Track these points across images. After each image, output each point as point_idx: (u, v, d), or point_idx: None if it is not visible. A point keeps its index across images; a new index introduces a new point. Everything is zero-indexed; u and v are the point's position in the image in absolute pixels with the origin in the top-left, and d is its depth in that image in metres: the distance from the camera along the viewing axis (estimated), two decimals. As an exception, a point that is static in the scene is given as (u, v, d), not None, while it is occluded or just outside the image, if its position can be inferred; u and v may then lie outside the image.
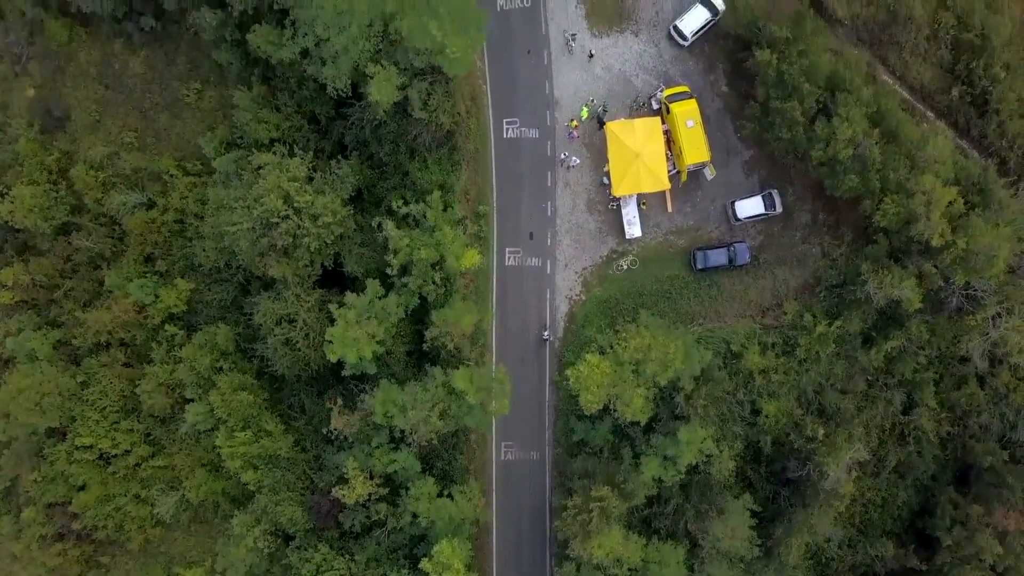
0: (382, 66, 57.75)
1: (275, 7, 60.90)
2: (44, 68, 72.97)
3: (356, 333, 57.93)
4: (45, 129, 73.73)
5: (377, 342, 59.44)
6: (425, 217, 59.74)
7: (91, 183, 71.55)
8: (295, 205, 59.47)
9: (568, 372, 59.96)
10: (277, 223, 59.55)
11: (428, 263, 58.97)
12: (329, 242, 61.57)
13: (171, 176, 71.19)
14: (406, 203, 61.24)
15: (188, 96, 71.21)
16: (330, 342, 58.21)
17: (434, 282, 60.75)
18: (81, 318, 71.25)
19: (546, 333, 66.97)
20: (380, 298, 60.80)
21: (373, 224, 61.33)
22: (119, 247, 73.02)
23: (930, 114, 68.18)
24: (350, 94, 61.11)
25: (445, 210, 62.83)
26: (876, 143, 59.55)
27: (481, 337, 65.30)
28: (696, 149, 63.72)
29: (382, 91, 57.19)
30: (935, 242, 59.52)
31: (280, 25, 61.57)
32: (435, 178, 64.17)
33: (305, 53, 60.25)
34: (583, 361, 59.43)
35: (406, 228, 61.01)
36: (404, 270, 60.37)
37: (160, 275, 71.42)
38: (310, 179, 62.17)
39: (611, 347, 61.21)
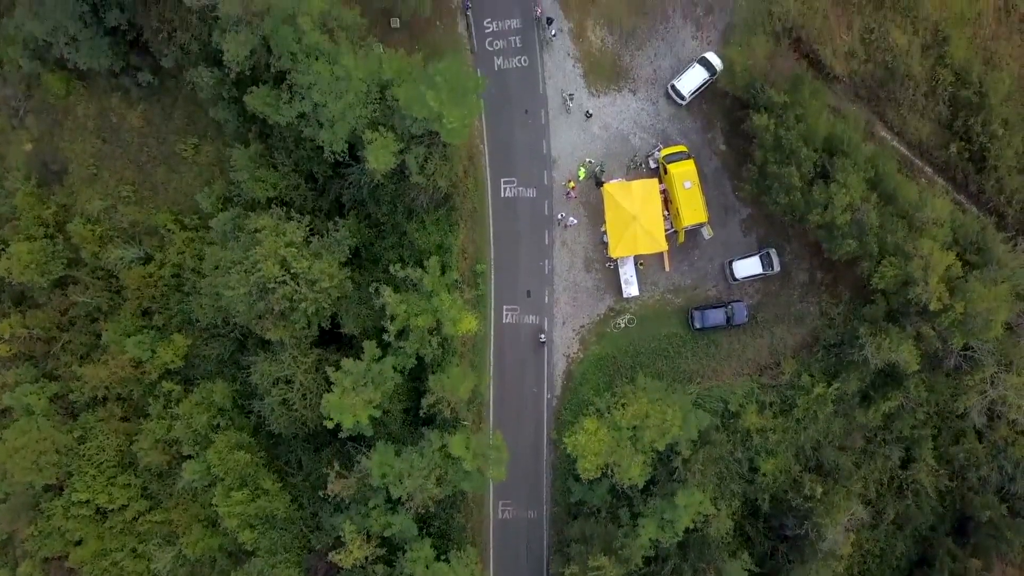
0: (379, 133, 57.68)
1: (272, 69, 60.92)
2: (41, 122, 72.79)
3: (352, 400, 57.82)
4: (42, 182, 73.54)
5: (374, 407, 59.29)
6: (422, 282, 59.58)
7: (88, 237, 71.39)
8: (292, 271, 59.38)
9: (566, 440, 59.84)
10: (274, 288, 59.46)
11: (425, 329, 58.83)
12: (326, 306, 61.48)
13: (168, 231, 71.05)
14: (404, 266, 61.13)
15: (185, 150, 71.07)
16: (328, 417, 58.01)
17: (431, 345, 60.64)
18: (78, 372, 71.04)
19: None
20: (377, 360, 60.70)
21: (371, 290, 61.15)
22: (116, 300, 72.84)
23: (928, 169, 68.25)
24: (347, 157, 61.05)
25: (443, 272, 62.83)
26: (874, 208, 59.53)
27: (478, 396, 65.19)
28: (693, 210, 63.70)
29: (379, 159, 57.11)
30: (933, 306, 59.50)
31: (277, 85, 61.60)
32: (433, 238, 64.16)
33: (302, 115, 60.23)
34: (581, 429, 59.33)
35: (403, 292, 60.93)
36: (401, 334, 60.22)
37: (157, 329, 71.27)
38: (307, 241, 62.10)
39: (608, 410, 61.14)
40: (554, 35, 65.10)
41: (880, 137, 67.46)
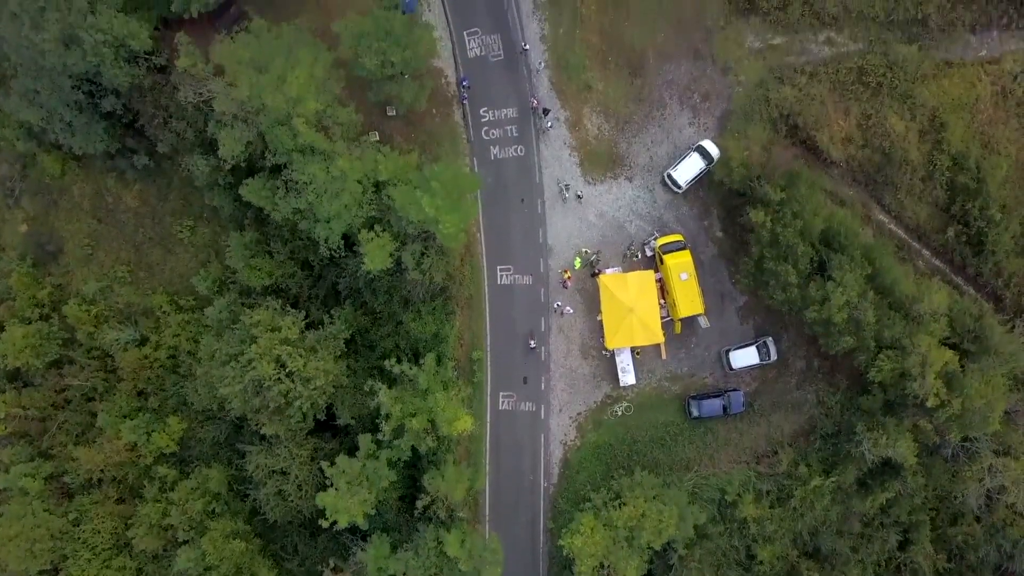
0: (375, 232, 57.53)
1: (268, 161, 60.73)
2: (37, 202, 72.74)
3: (348, 502, 57.59)
4: (38, 262, 73.44)
5: (369, 506, 59.09)
6: (417, 379, 59.40)
7: (84, 318, 71.27)
8: (288, 369, 59.20)
9: (564, 542, 59.65)
10: (270, 386, 59.27)
11: (420, 430, 58.66)
12: (322, 401, 61.34)
13: (164, 312, 70.90)
14: (399, 362, 60.92)
15: (181, 232, 70.99)
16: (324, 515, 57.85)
17: (426, 442, 60.44)
18: (73, 453, 70.83)
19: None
20: (372, 455, 60.50)
21: (366, 388, 60.99)
22: (112, 380, 72.66)
23: (926, 252, 68.16)
24: (343, 250, 60.88)
25: (439, 362, 62.68)
26: (871, 305, 59.33)
27: (475, 487, 64.93)
28: (690, 302, 63.56)
29: (375, 260, 56.98)
30: (930, 403, 59.36)
31: (274, 175, 61.43)
32: (429, 328, 63.99)
33: (298, 210, 60.05)
34: (577, 528, 59.08)
35: (399, 386, 60.74)
36: (396, 431, 60.03)
37: (153, 411, 71.06)
38: (303, 335, 61.90)
39: (605, 506, 60.94)
40: (550, 125, 65.02)
41: (877, 221, 67.37)
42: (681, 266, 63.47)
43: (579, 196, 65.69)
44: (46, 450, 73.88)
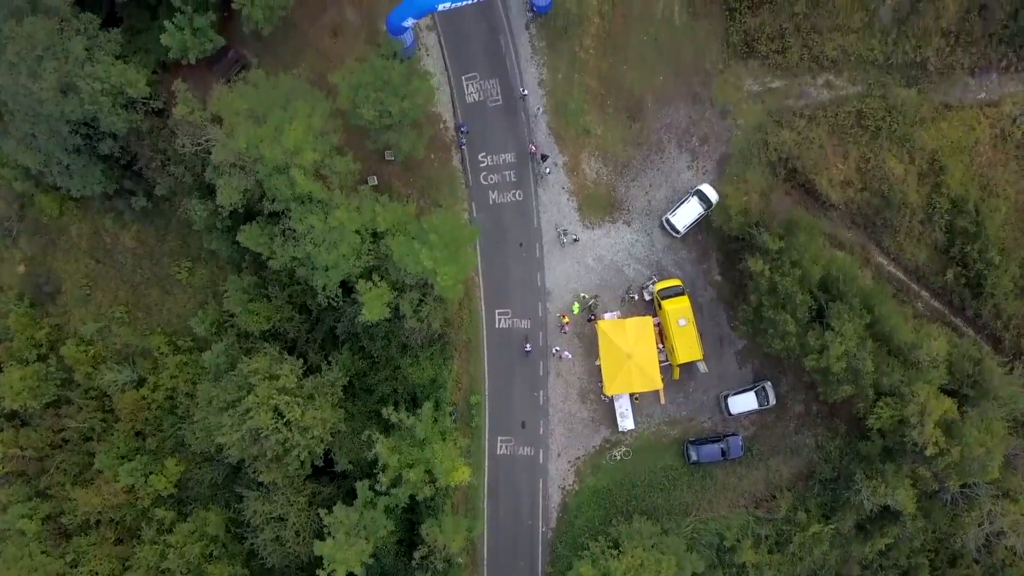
0: (373, 282, 57.41)
1: (266, 209, 60.61)
2: (35, 242, 72.77)
3: (346, 552, 57.45)
4: (35, 302, 73.44)
5: (367, 556, 58.95)
6: (415, 429, 59.26)
7: (81, 359, 71.23)
8: (285, 418, 59.08)
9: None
10: (267, 436, 59.15)
11: (418, 480, 58.52)
12: (319, 450, 61.24)
13: (161, 353, 70.79)
14: (397, 410, 60.80)
15: (179, 273, 70.93)
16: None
17: (424, 491, 60.28)
18: (72, 494, 70.75)
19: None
20: (370, 503, 60.36)
21: (363, 437, 60.88)
22: (110, 420, 72.60)
23: (924, 294, 68.02)
24: (341, 300, 60.76)
25: (437, 407, 62.59)
26: (870, 355, 59.16)
27: (473, 532, 64.79)
28: (688, 348, 63.41)
29: (373, 310, 56.85)
30: (929, 451, 59.23)
31: (271, 220, 61.32)
32: (427, 373, 63.91)
33: (296, 259, 59.95)
34: (575, 577, 59.05)
35: (396, 434, 60.62)
36: (394, 482, 59.91)
37: (151, 452, 70.97)
38: (300, 380, 61.77)
39: (603, 554, 60.79)
40: (548, 171, 64.91)
41: (876, 263, 67.23)
42: (679, 312, 63.33)
43: (575, 240, 65.57)
44: (44, 490, 73.81)
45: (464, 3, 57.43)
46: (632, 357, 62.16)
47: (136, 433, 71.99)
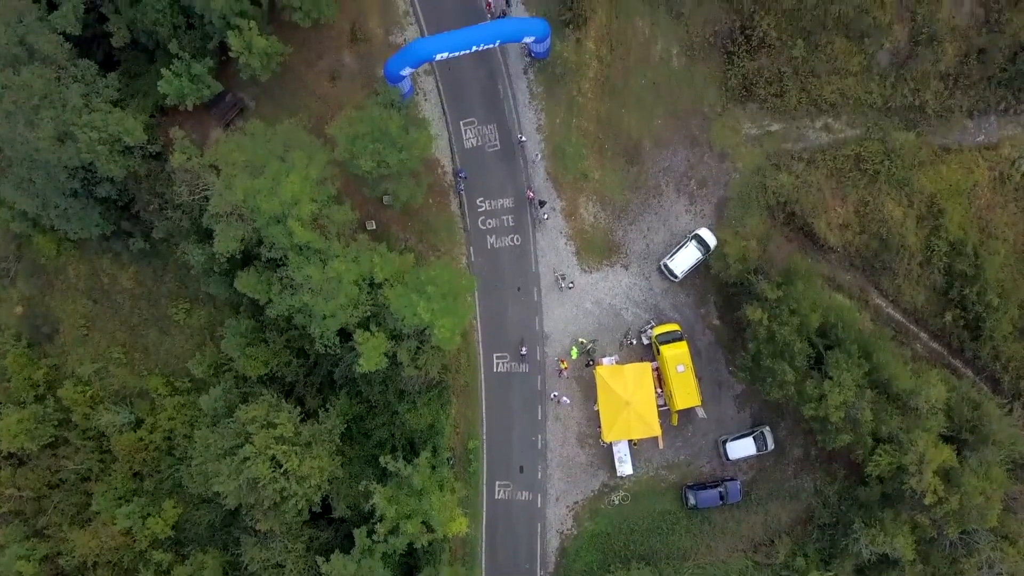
0: (371, 332, 57.29)
1: (264, 255, 60.50)
2: (32, 283, 72.67)
3: (344, 606, 57.37)
4: (33, 342, 73.31)
5: (365, 606, 58.88)
6: (412, 479, 59.10)
7: (79, 399, 71.16)
8: (283, 467, 58.94)
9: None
10: (265, 485, 59.02)
11: (415, 531, 58.37)
12: (317, 499, 61.10)
13: (159, 394, 70.66)
14: (394, 458, 60.64)
15: (177, 314, 70.80)
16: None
17: (422, 539, 60.15)
18: (69, 535, 70.58)
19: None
20: (367, 551, 60.19)
21: (360, 487, 60.75)
22: (107, 460, 72.43)
23: (923, 335, 67.92)
24: (339, 348, 60.63)
25: (435, 454, 62.46)
26: (868, 404, 58.99)
27: (470, 578, 64.82)
28: (687, 394, 63.30)
29: (370, 360, 56.74)
30: (928, 500, 59.08)
31: (269, 267, 61.21)
32: (425, 419, 63.72)
33: (293, 307, 59.87)
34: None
35: (393, 484, 60.46)
36: (392, 532, 59.76)
37: (149, 494, 70.79)
38: (298, 427, 61.61)
39: (602, 602, 60.79)
40: (546, 216, 64.82)
41: (875, 305, 67.12)
42: (678, 358, 63.20)
43: (571, 285, 65.43)
44: (41, 530, 73.61)
45: (461, 53, 57.31)
46: (631, 404, 62.02)
47: (134, 474, 71.84)
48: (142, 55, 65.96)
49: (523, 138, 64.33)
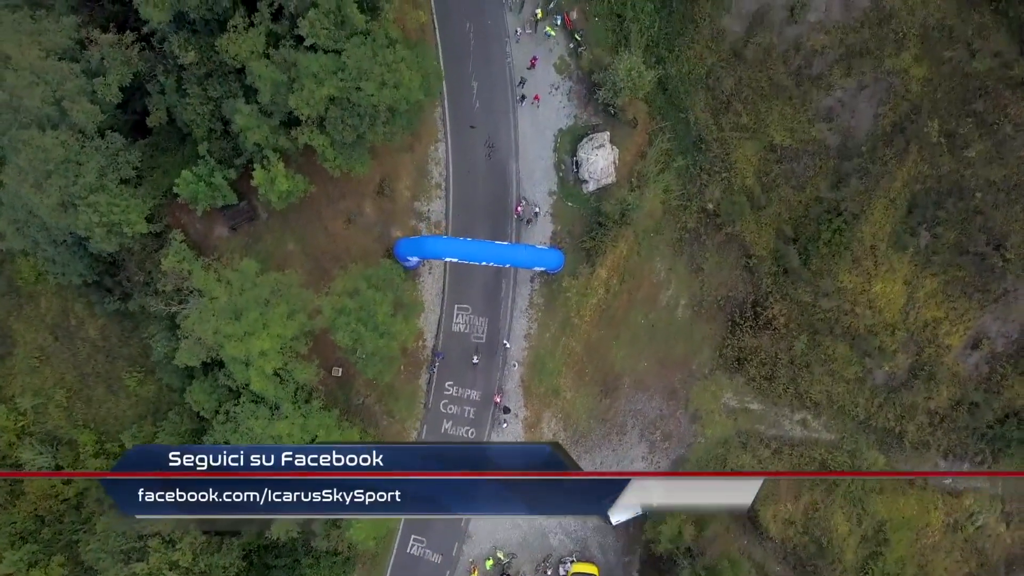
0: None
1: (221, 380, 60.18)
2: (2, 302, 72.11)
3: None
4: (-18, 357, 72.91)
5: None
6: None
7: (8, 427, 70.64)
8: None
9: None
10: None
11: None
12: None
13: (85, 451, 70.16)
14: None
15: (129, 380, 70.30)
16: None
17: None
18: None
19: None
20: None
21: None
22: (15, 494, 71.71)
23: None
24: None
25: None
26: None
27: None
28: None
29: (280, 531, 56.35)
30: None
31: (226, 381, 60.86)
32: (324, 578, 63.33)
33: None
34: None
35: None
36: None
37: (43, 543, 70.19)
38: (197, 556, 61.22)
39: None
40: (506, 424, 64.45)
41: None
42: (586, 604, 62.85)
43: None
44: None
45: (470, 262, 57.00)
46: (525, 636, 61.62)
47: (37, 516, 71.24)
48: (175, 133, 65.65)
49: (508, 344, 63.94)
